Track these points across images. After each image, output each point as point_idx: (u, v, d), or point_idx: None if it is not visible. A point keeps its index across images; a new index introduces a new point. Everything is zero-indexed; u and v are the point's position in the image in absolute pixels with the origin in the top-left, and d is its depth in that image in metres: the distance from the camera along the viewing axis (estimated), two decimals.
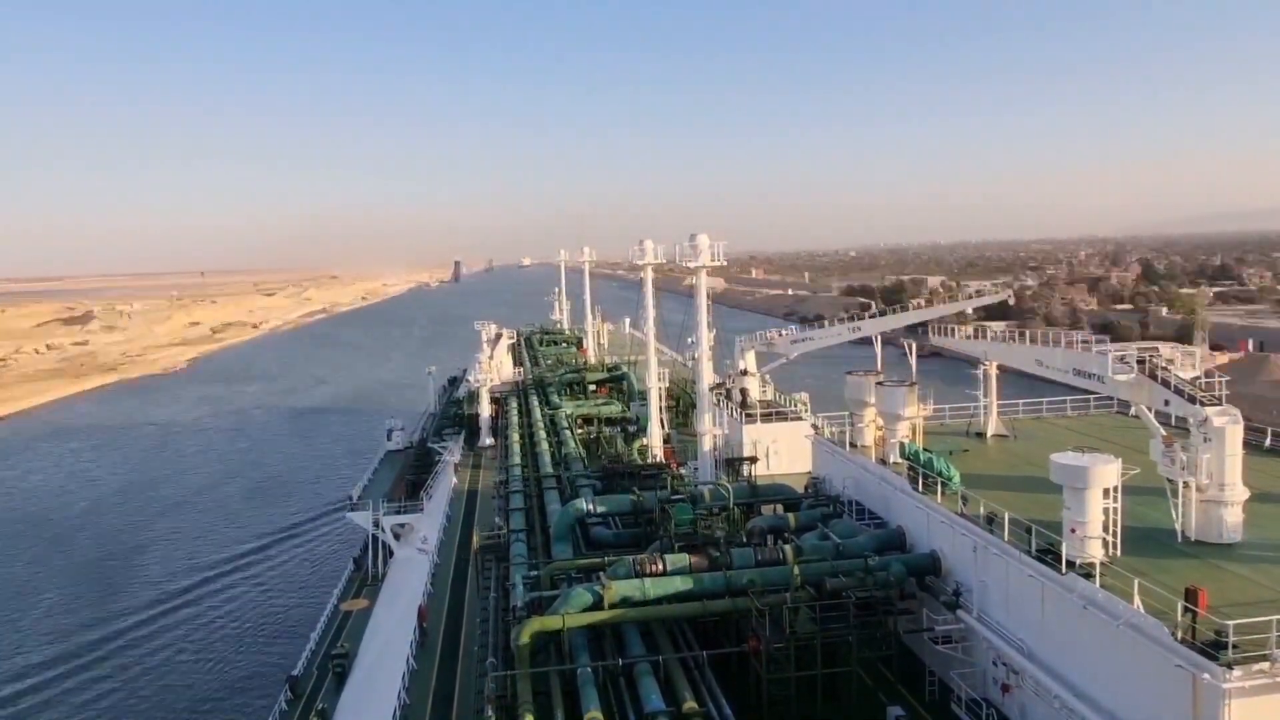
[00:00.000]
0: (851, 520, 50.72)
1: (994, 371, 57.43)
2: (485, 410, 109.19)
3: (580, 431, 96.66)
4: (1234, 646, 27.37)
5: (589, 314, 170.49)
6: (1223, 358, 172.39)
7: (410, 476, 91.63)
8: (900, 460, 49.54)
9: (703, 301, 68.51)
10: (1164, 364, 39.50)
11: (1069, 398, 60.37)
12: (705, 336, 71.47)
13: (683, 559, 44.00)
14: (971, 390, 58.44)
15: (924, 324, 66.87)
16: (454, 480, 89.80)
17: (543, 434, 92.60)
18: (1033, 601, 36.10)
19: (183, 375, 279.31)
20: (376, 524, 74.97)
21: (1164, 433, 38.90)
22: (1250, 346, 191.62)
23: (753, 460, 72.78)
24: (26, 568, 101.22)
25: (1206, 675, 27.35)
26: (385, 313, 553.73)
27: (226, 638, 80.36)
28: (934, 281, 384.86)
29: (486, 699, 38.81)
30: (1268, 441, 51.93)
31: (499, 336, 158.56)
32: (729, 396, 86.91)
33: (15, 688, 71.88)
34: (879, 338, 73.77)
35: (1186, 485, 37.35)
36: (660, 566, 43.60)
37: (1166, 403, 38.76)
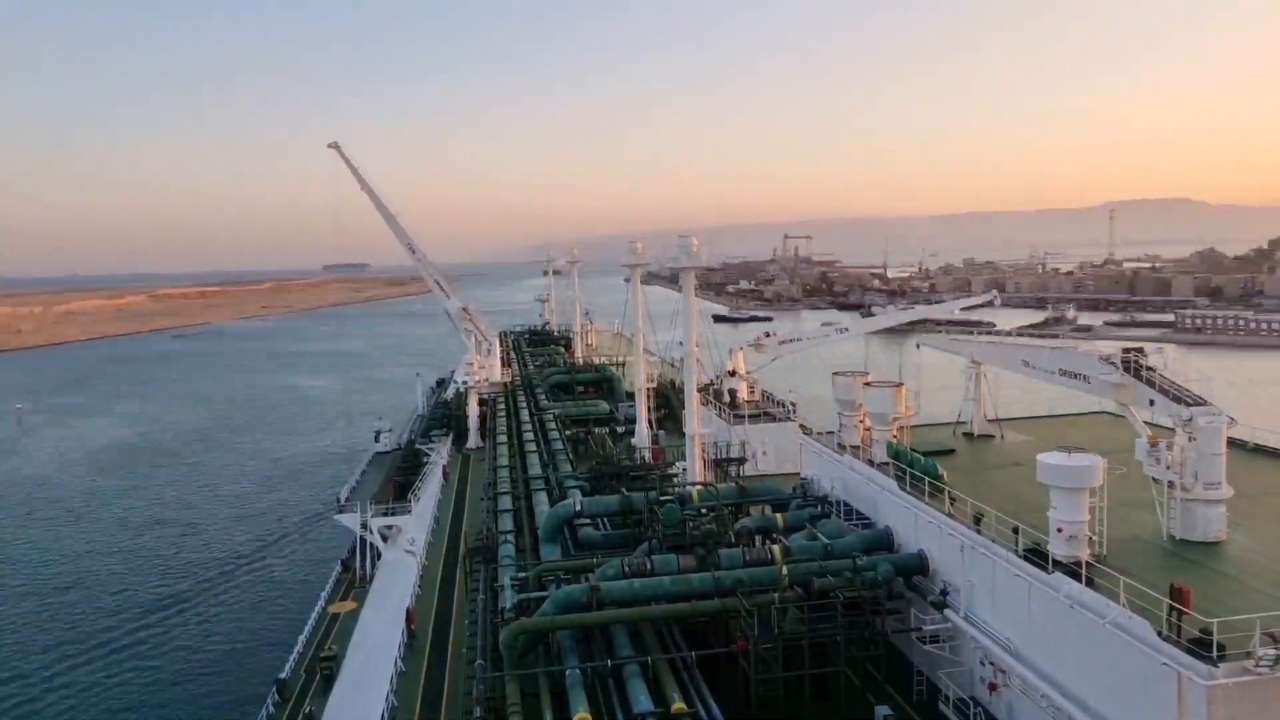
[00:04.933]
0: (839, 520, 50.81)
1: (981, 372, 57.73)
2: (473, 411, 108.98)
3: (568, 432, 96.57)
4: (1218, 645, 27.54)
5: (577, 315, 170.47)
6: None
7: (398, 478, 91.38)
8: (888, 460, 49.69)
9: (691, 303, 68.50)
10: (1149, 364, 39.77)
11: (1056, 398, 60.69)
12: (693, 337, 71.46)
13: (671, 560, 44.06)
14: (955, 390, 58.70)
15: None
16: (442, 482, 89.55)
17: (531, 435, 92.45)
18: (1020, 601, 36.25)
19: None
20: (364, 526, 74.67)
21: (1149, 432, 39.13)
22: None
23: (741, 461, 72.90)
24: (10, 572, 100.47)
25: (1191, 673, 27.51)
26: None
27: (213, 641, 79.86)
28: None
29: (475, 700, 38.77)
30: (1252, 441, 52.30)
31: None
32: (718, 397, 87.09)
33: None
34: (867, 340, 74.01)
35: (1172, 485, 37.57)
36: (649, 567, 43.67)
37: (1152, 402, 39.03)
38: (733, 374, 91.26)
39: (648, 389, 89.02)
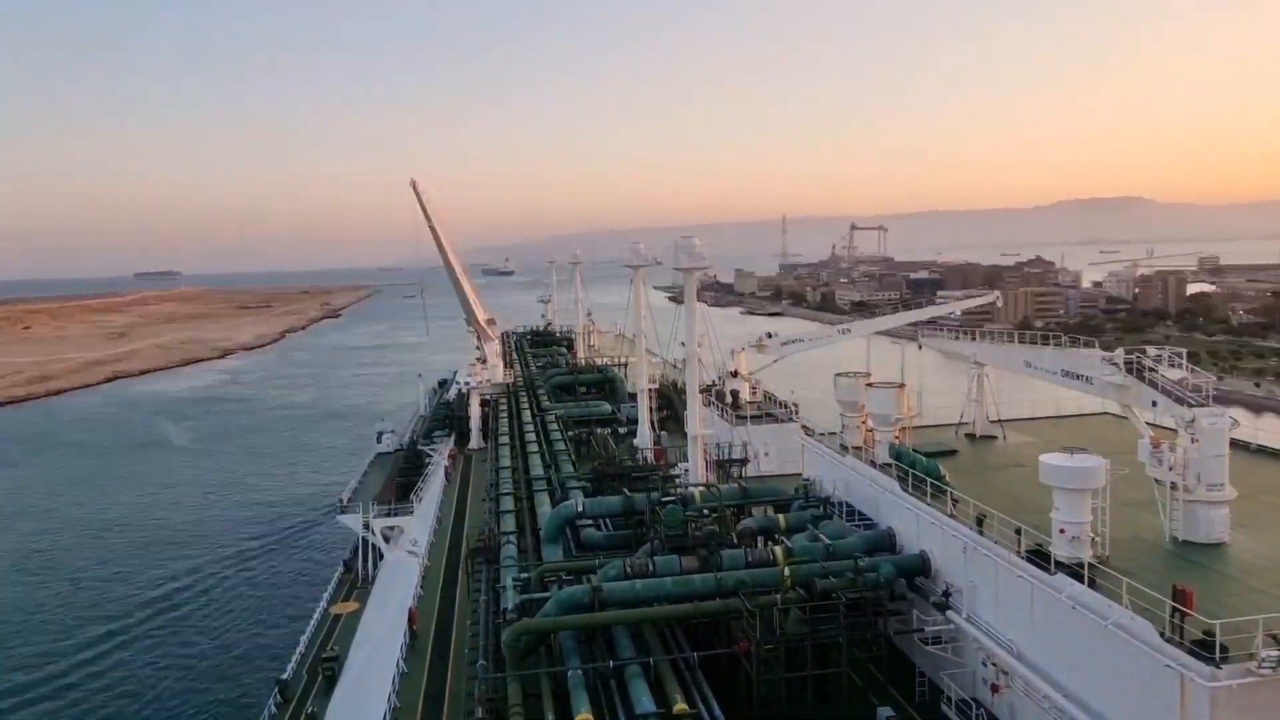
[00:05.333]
0: (841, 521, 50.80)
1: (984, 372, 57.70)
2: (475, 412, 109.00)
3: (570, 433, 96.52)
4: (1221, 646, 27.51)
5: (579, 316, 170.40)
6: None
7: (400, 479, 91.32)
8: (890, 461, 49.66)
9: (693, 303, 68.44)
10: (1151, 365, 39.73)
11: (1059, 398, 60.63)
12: (695, 338, 71.51)
13: (673, 560, 44.06)
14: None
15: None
16: (444, 482, 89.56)
17: (533, 436, 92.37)
18: (1022, 602, 36.22)
19: None
20: (366, 526, 74.68)
21: (1151, 433, 39.08)
22: None
23: (743, 462, 72.88)
24: (12, 573, 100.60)
25: (1194, 675, 27.48)
26: None
27: (215, 642, 79.96)
28: None
29: (476, 701, 38.79)
30: (1254, 442, 52.25)
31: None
32: (720, 398, 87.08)
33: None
34: (870, 339, 74.05)
35: (1174, 486, 37.53)
36: (651, 568, 43.66)
37: (1154, 403, 38.98)
38: (735, 375, 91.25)
39: (650, 390, 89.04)
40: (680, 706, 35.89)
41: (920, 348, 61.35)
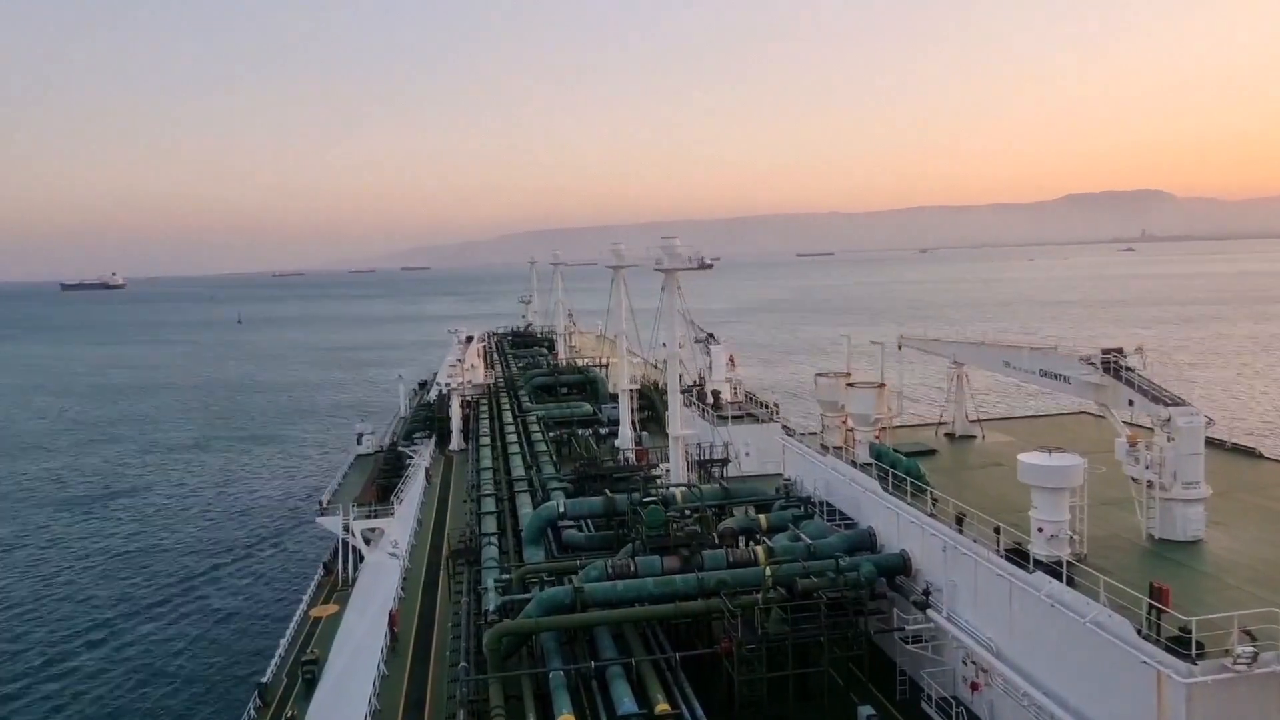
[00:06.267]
0: (822, 521, 50.97)
1: (963, 373, 58.10)
2: (456, 413, 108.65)
3: (552, 434, 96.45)
4: (1197, 643, 27.80)
5: (560, 317, 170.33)
6: None
7: (381, 480, 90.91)
8: (870, 461, 49.90)
9: (674, 304, 68.49)
10: (1128, 364, 40.15)
11: (1037, 398, 61.15)
12: (676, 339, 71.64)
13: (655, 561, 44.11)
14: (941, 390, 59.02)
15: None
16: (425, 484, 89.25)
17: (514, 437, 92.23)
18: (1001, 600, 36.47)
19: None
20: (346, 528, 74.31)
21: (1128, 432, 39.47)
22: None
23: (724, 462, 73.05)
24: None
25: (1170, 671, 27.75)
26: None
27: (193, 645, 79.20)
28: None
29: (458, 703, 38.68)
30: (1229, 440, 52.86)
31: (470, 339, 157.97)
32: (701, 398, 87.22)
33: None
34: (849, 340, 74.35)
35: (1151, 484, 37.90)
36: (632, 569, 43.68)
37: (1131, 403, 39.37)
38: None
39: (631, 390, 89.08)
40: (662, 706, 35.93)
41: (900, 348, 61.63)
